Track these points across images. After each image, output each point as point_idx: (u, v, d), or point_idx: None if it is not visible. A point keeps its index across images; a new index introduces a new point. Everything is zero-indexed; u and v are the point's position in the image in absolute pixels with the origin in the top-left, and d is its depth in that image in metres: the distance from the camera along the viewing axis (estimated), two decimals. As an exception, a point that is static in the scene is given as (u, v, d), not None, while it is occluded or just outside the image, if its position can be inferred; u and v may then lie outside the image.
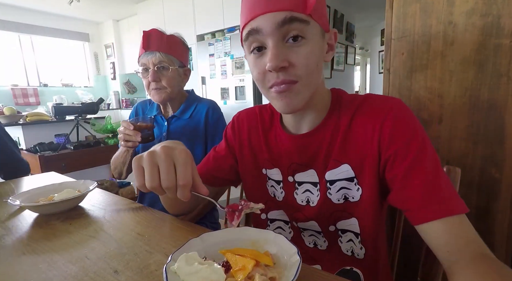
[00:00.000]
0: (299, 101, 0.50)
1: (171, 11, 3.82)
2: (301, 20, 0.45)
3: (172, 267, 0.40)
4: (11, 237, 0.59)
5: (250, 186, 0.69)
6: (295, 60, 0.46)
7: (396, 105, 0.51)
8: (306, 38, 0.46)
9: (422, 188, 0.46)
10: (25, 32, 4.41)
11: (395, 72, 0.87)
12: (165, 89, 0.98)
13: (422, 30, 0.79)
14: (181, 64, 1.01)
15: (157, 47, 0.96)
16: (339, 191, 0.56)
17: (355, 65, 5.10)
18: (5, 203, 0.79)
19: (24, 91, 4.38)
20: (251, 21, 0.47)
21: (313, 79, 0.49)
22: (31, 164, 2.08)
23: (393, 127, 0.49)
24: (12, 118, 2.38)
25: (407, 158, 0.47)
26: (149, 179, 0.42)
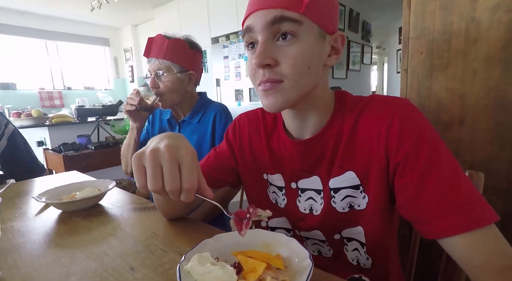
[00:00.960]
0: (283, 101, 0.47)
1: (187, 15, 3.89)
2: (292, 19, 0.43)
3: (185, 266, 0.40)
4: (38, 231, 0.62)
5: (251, 191, 0.67)
6: (281, 58, 0.45)
7: (402, 107, 0.47)
8: (297, 38, 0.44)
9: (438, 197, 0.42)
10: (51, 38, 4.63)
11: (413, 72, 0.85)
12: (164, 95, 1.00)
13: (442, 28, 0.76)
14: (182, 69, 1.00)
15: (156, 53, 0.97)
16: (344, 200, 0.53)
17: (371, 64, 4.99)
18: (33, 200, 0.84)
19: (50, 94, 4.60)
20: (247, 18, 0.47)
21: (302, 81, 0.46)
22: (55, 163, 2.19)
23: (400, 130, 0.45)
24: (39, 120, 2.50)
25: (418, 163, 0.43)
26: (152, 181, 0.38)
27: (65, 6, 4.11)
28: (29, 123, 2.45)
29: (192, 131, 1.06)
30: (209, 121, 1.03)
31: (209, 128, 1.03)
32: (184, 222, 0.65)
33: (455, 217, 0.40)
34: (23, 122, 2.45)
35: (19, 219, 0.70)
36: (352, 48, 3.91)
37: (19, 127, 2.42)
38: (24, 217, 0.71)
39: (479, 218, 0.40)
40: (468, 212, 0.40)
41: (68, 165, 2.07)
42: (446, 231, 0.41)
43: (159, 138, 0.42)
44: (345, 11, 3.56)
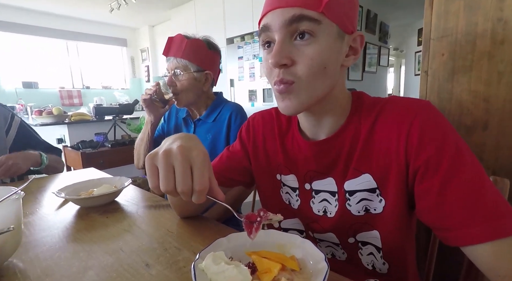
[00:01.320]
0: (298, 104, 0.46)
1: (203, 16, 3.93)
2: (311, 18, 0.42)
3: (200, 265, 0.41)
4: (58, 226, 0.64)
5: (263, 191, 0.66)
6: (298, 58, 0.44)
7: (424, 108, 0.45)
8: (315, 37, 0.43)
9: (462, 203, 0.40)
10: (72, 39, 4.80)
11: (434, 75, 0.82)
12: (180, 94, 1.02)
13: (466, 29, 0.73)
14: (199, 69, 1.01)
15: (174, 53, 0.99)
16: (359, 203, 0.51)
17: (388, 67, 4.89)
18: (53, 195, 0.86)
19: (69, 93, 4.76)
20: (263, 17, 0.47)
21: (317, 81, 0.45)
22: (74, 160, 2.26)
23: (421, 133, 0.43)
24: (59, 118, 2.58)
25: (440, 167, 0.41)
26: (164, 181, 0.39)
27: (86, 7, 4.25)
28: (50, 121, 2.54)
29: (207, 130, 1.07)
30: (224, 120, 1.04)
31: (224, 127, 1.04)
32: (198, 220, 0.66)
33: (481, 225, 0.38)
34: (44, 120, 2.54)
35: (40, 213, 0.73)
36: (369, 49, 3.84)
37: (41, 125, 2.52)
38: (45, 212, 0.74)
39: (507, 226, 0.38)
40: (494, 220, 0.38)
41: (86, 162, 2.13)
42: (470, 239, 0.39)
43: (172, 139, 0.43)
44: (362, 12, 3.50)
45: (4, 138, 1.11)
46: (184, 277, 0.44)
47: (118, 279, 0.44)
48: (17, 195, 0.48)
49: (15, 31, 4.21)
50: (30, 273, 0.46)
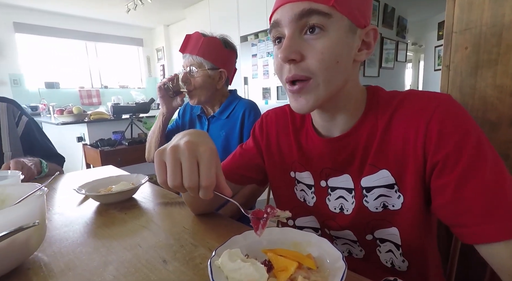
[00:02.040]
0: (313, 102, 0.46)
1: (217, 14, 3.95)
2: (320, 12, 0.41)
3: (216, 261, 0.41)
4: (78, 221, 0.67)
5: (277, 189, 0.66)
6: (308, 53, 0.43)
7: (444, 102, 0.44)
8: (326, 31, 0.42)
9: (481, 200, 0.39)
10: (91, 39, 4.95)
11: (456, 69, 0.79)
12: (194, 91, 1.02)
13: (491, 21, 0.70)
14: (213, 67, 1.02)
15: (190, 50, 1.00)
16: (377, 199, 0.50)
17: (406, 62, 4.74)
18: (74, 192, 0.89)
19: (88, 93, 4.91)
20: (274, 13, 0.46)
21: (331, 77, 0.44)
22: (93, 157, 2.33)
23: (441, 127, 0.42)
24: (79, 117, 2.67)
25: (459, 163, 0.40)
26: (171, 177, 0.39)
27: (104, 9, 4.37)
28: (70, 120, 2.63)
29: (221, 127, 1.07)
30: (238, 117, 1.04)
31: (237, 124, 1.04)
32: (213, 218, 0.66)
33: (498, 223, 0.37)
34: (65, 119, 2.64)
35: (62, 209, 0.76)
36: (386, 45, 3.74)
37: (62, 123, 2.61)
38: (66, 208, 0.76)
39: None
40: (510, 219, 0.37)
41: (104, 159, 2.19)
42: (487, 236, 0.38)
43: (181, 134, 0.44)
44: (379, 7, 3.41)
45: (15, 129, 1.14)
46: (201, 274, 0.44)
47: (137, 274, 0.45)
48: (41, 191, 0.50)
49: (37, 33, 4.39)
50: (54, 267, 0.47)
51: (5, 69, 4.11)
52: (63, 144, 2.81)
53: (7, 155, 1.08)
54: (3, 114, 1.11)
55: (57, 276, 0.45)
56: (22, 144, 1.15)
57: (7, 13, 4.07)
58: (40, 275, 0.45)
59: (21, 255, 0.46)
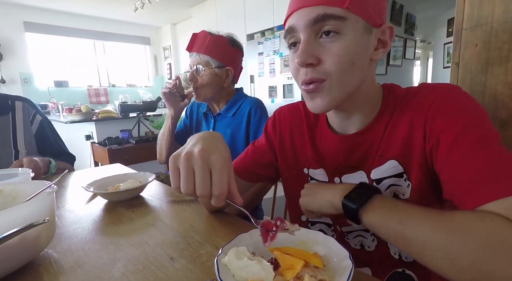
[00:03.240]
0: (328, 102, 0.47)
1: (223, 12, 3.95)
2: (335, 17, 0.42)
3: (222, 259, 0.41)
4: (87, 218, 0.68)
5: (290, 186, 0.66)
6: (324, 56, 0.44)
7: (445, 90, 0.46)
8: (341, 34, 0.43)
9: (471, 167, 0.39)
10: (99, 38, 5.00)
11: (465, 66, 0.78)
12: (200, 89, 1.03)
13: (503, 17, 0.68)
14: (220, 65, 1.02)
15: (197, 48, 1.01)
16: (387, 189, 0.51)
17: (414, 59, 4.67)
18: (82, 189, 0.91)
19: (96, 91, 4.97)
20: (289, 17, 0.47)
21: (347, 78, 0.45)
22: (101, 155, 2.36)
23: (437, 111, 0.44)
24: (87, 115, 2.71)
25: (449, 136, 0.42)
26: (184, 184, 0.40)
27: (112, 8, 4.41)
28: (79, 118, 2.67)
29: (226, 125, 1.08)
30: (244, 115, 1.04)
31: (243, 122, 1.04)
32: (219, 216, 0.66)
33: (492, 184, 0.37)
34: (74, 117, 2.67)
35: (71, 206, 0.77)
36: (394, 42, 3.67)
37: (71, 122, 2.65)
38: (75, 205, 0.78)
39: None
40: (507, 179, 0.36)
41: (112, 157, 2.22)
42: (480, 199, 0.37)
43: (196, 139, 0.44)
44: (387, 4, 3.36)
45: (30, 128, 1.17)
46: (207, 271, 0.45)
47: (144, 271, 0.45)
48: (51, 189, 0.51)
49: (47, 33, 4.46)
50: (64, 263, 0.48)
51: (15, 68, 4.19)
52: (72, 142, 2.85)
53: (22, 153, 1.11)
54: (18, 113, 1.14)
55: (66, 273, 0.46)
56: (36, 142, 1.18)
57: (17, 12, 4.15)
58: (50, 272, 0.46)
59: (32, 251, 0.47)
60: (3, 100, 1.13)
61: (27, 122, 1.16)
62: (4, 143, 1.09)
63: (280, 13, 3.19)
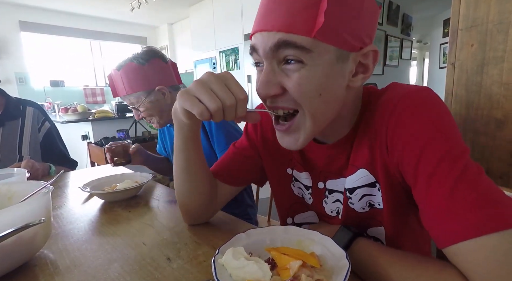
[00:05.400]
0: (303, 140, 0.43)
1: (220, 12, 3.94)
2: (298, 46, 0.37)
3: (219, 259, 0.41)
4: (83, 219, 0.67)
5: (274, 185, 0.64)
6: (288, 86, 0.40)
7: (407, 94, 0.41)
8: (304, 64, 0.38)
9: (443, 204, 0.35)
10: (95, 38, 4.97)
11: (461, 66, 0.78)
12: (152, 120, 1.00)
13: (498, 18, 0.69)
14: (148, 92, 0.94)
15: (120, 92, 0.96)
16: (361, 199, 0.50)
17: (411, 60, 4.70)
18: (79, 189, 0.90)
19: (93, 91, 4.94)
20: (252, 36, 0.43)
21: (317, 110, 0.41)
22: (97, 156, 2.34)
23: (396, 130, 0.40)
24: (84, 115, 2.69)
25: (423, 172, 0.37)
26: (211, 101, 0.40)
27: (108, 7, 4.39)
28: (75, 118, 2.65)
29: None
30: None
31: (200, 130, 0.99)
32: (216, 216, 0.66)
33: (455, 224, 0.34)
34: (70, 117, 2.66)
35: (67, 207, 0.76)
36: (390, 42, 3.71)
37: (67, 122, 2.63)
38: (71, 206, 0.77)
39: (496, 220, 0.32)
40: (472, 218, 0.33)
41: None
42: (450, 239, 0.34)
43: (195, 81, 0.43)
44: (384, 4, 3.38)
45: (37, 134, 1.19)
46: (205, 271, 0.45)
47: (141, 272, 0.45)
48: (47, 189, 0.50)
49: (43, 32, 4.42)
50: (60, 264, 0.48)
51: (11, 67, 4.16)
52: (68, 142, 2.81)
53: (26, 158, 1.12)
54: (28, 119, 1.17)
55: (62, 273, 0.45)
56: (41, 148, 1.20)
57: (12, 12, 4.11)
58: (46, 272, 0.46)
59: (28, 252, 0.47)
60: (15, 105, 1.15)
61: (35, 129, 1.18)
62: (10, 148, 1.11)
63: (278, 13, 3.18)
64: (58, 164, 1.12)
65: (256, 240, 0.48)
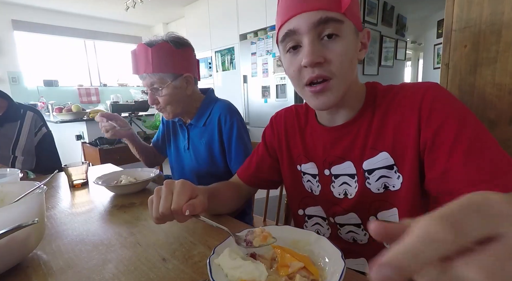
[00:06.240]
0: (334, 98, 0.51)
1: (216, 12, 3.93)
2: (336, 20, 0.46)
3: (215, 260, 0.41)
4: (77, 219, 0.66)
5: (288, 183, 0.70)
6: (330, 56, 0.48)
7: (432, 86, 0.49)
8: (341, 36, 0.48)
9: (470, 167, 0.42)
10: (90, 37, 4.92)
11: (455, 67, 0.79)
12: (165, 108, 0.94)
13: (491, 19, 0.70)
14: (175, 76, 0.91)
15: (144, 68, 0.88)
16: (378, 180, 0.54)
17: (405, 60, 4.74)
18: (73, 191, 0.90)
19: (87, 91, 4.89)
20: (286, 22, 0.49)
21: (348, 75, 0.50)
22: (92, 156, 2.32)
23: (431, 105, 0.47)
24: (78, 115, 2.66)
25: (447, 139, 0.44)
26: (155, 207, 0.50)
27: (103, 6, 4.34)
28: (69, 118, 2.62)
29: (200, 135, 1.01)
30: (214, 124, 0.97)
31: (215, 132, 0.97)
32: (212, 216, 0.66)
33: (484, 183, 0.40)
34: (64, 117, 2.63)
35: (61, 207, 0.75)
36: (385, 43, 3.73)
37: (61, 122, 2.60)
38: (65, 206, 0.76)
39: (509, 183, 0.39)
40: (497, 178, 0.39)
41: (104, 158, 2.19)
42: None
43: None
44: (379, 5, 3.40)
45: (33, 138, 1.24)
46: (200, 272, 0.44)
47: (136, 272, 0.45)
48: (40, 189, 0.50)
49: (36, 31, 4.36)
50: (53, 265, 0.48)
51: (3, 67, 4.09)
52: (62, 142, 2.80)
53: (19, 159, 1.17)
54: (27, 122, 1.23)
55: (56, 274, 0.45)
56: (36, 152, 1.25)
57: (5, 10, 4.05)
58: (39, 273, 0.45)
59: (20, 253, 0.46)
60: (16, 109, 1.22)
61: (32, 133, 1.23)
62: (5, 146, 1.16)
63: (273, 13, 3.18)
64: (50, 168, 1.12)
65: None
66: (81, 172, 0.93)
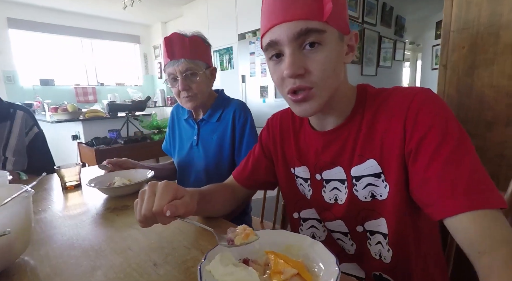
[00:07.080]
0: (317, 105, 0.50)
1: (215, 12, 3.91)
2: (317, 30, 0.45)
3: (207, 266, 0.40)
4: (67, 223, 0.65)
5: (283, 186, 0.70)
6: (312, 67, 0.47)
7: (420, 93, 0.48)
8: (323, 44, 0.47)
9: (443, 179, 0.42)
10: (87, 36, 4.88)
11: (453, 68, 0.78)
12: (196, 96, 0.97)
13: (489, 20, 0.69)
14: (207, 66, 0.98)
15: (182, 54, 0.93)
16: (365, 188, 0.54)
17: (404, 61, 4.75)
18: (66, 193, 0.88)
19: (84, 90, 4.86)
20: (268, 31, 0.49)
21: (331, 83, 0.49)
22: (88, 156, 2.30)
23: (416, 114, 0.47)
24: (74, 115, 2.64)
25: (429, 148, 0.44)
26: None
27: (100, 5, 4.31)
28: (65, 117, 2.60)
29: (211, 130, 1.03)
30: (228, 120, 1.00)
31: (229, 127, 1.00)
32: (207, 220, 0.65)
33: (460, 197, 0.40)
34: (60, 116, 2.60)
35: (52, 210, 0.74)
36: (384, 44, 3.73)
37: (57, 121, 2.58)
38: (56, 209, 0.75)
39: (486, 199, 0.40)
40: (474, 194, 0.40)
41: (100, 158, 2.16)
42: (449, 210, 0.41)
43: None
44: (378, 6, 3.40)
45: (24, 138, 1.21)
46: (192, 278, 0.43)
47: (126, 279, 0.43)
48: (27, 193, 0.48)
49: (32, 29, 4.32)
50: (40, 272, 0.46)
51: (-2, 66, 4.05)
52: (58, 142, 2.78)
53: (10, 160, 1.14)
54: (17, 122, 1.19)
55: (43, 281, 0.43)
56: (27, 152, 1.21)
57: (0, 8, 4.01)
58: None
59: (5, 260, 0.45)
60: (6, 108, 1.18)
61: (23, 133, 1.20)
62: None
63: (272, 13, 3.17)
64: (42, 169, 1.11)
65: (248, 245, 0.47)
66: (74, 174, 0.91)
